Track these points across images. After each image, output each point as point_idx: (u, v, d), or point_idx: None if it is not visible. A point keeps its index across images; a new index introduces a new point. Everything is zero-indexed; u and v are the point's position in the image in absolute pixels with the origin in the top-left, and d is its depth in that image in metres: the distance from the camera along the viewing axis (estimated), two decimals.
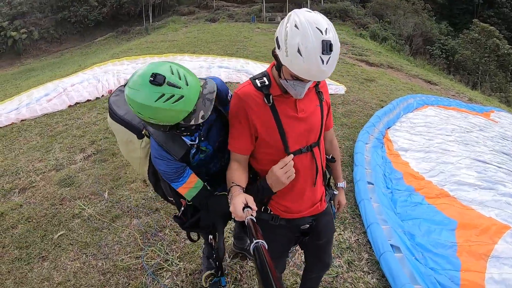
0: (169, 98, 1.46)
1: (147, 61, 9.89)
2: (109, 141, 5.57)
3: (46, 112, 6.84)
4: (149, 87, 1.45)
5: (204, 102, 1.58)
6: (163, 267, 3.14)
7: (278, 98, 1.71)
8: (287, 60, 1.49)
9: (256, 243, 1.20)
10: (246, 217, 1.40)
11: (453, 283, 2.98)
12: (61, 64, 16.74)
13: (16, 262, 3.24)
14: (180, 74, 1.52)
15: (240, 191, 1.60)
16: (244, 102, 1.72)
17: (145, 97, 1.46)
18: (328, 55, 1.43)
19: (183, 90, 1.49)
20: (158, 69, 1.48)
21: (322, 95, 1.85)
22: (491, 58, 22.64)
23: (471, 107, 9.48)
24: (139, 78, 1.48)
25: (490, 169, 5.05)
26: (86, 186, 4.37)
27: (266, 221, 1.91)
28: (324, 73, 1.48)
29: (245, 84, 1.78)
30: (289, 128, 1.72)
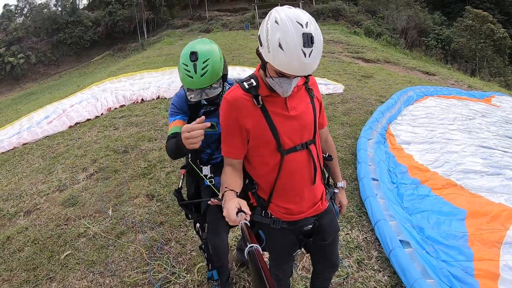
0: (185, 69, 2.01)
1: (144, 76, 9.96)
2: (111, 158, 5.59)
3: (47, 134, 6.88)
4: (186, 54, 2.02)
5: (200, 94, 2.07)
6: (170, 281, 3.12)
7: (267, 98, 1.71)
8: (270, 56, 1.50)
9: (250, 247, 1.20)
10: (240, 221, 1.39)
11: (467, 274, 2.91)
12: (60, 86, 16.88)
13: (24, 285, 3.22)
14: (206, 66, 1.99)
15: (233, 195, 1.60)
16: (233, 106, 1.71)
17: (181, 60, 2.05)
18: (309, 48, 1.43)
19: (195, 75, 1.99)
20: (200, 50, 2.01)
21: (312, 92, 1.84)
22: (487, 44, 22.56)
23: (471, 94, 9.44)
24: (187, 47, 2.06)
25: (496, 154, 4.98)
26: (90, 205, 4.38)
27: (267, 225, 1.88)
28: (307, 67, 1.47)
29: (233, 88, 1.77)
30: (281, 126, 1.70)
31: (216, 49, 2.07)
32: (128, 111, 7.73)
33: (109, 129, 6.85)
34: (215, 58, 2.02)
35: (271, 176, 1.79)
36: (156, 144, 6.00)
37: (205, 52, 2.00)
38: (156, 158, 5.45)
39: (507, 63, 23.60)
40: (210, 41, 2.14)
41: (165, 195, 4.46)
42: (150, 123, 6.90)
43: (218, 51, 2.07)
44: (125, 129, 6.77)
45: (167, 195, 4.45)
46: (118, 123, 7.02)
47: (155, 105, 7.94)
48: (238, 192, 1.67)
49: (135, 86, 9.11)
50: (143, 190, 4.61)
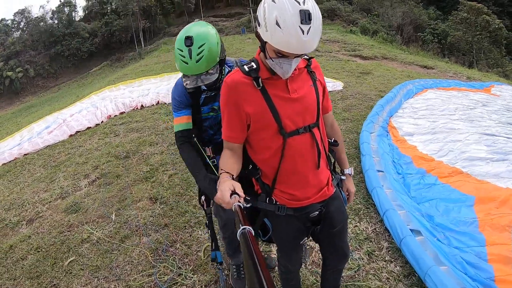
0: (180, 54, 1.92)
1: (143, 83, 9.94)
2: (112, 164, 5.54)
3: (48, 144, 6.85)
4: (181, 39, 1.93)
5: (196, 80, 1.99)
6: (177, 282, 3.06)
7: (267, 81, 1.67)
8: (267, 35, 1.48)
9: (243, 229, 1.19)
10: (233, 203, 1.39)
11: (480, 259, 2.85)
12: (59, 97, 16.90)
13: None
14: (202, 52, 1.91)
15: (228, 177, 1.58)
16: (232, 89, 1.69)
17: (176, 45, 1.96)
18: (307, 25, 1.41)
19: (190, 61, 1.91)
20: (196, 34, 1.92)
21: (314, 75, 1.80)
22: (483, 35, 22.53)
23: (470, 85, 9.38)
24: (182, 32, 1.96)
25: (500, 141, 4.94)
26: (92, 211, 4.32)
27: (272, 212, 1.84)
28: (306, 44, 1.44)
29: (233, 71, 1.74)
30: (282, 109, 1.67)
31: (212, 32, 1.99)
32: (128, 117, 7.70)
33: (110, 136, 6.81)
34: (211, 42, 1.94)
35: (274, 161, 1.74)
36: (157, 148, 5.96)
37: (201, 36, 1.92)
38: (158, 162, 5.40)
39: (504, 53, 23.58)
40: (206, 23, 2.06)
41: (168, 197, 4.40)
42: (151, 128, 6.86)
43: (215, 34, 1.99)
44: (126, 135, 6.74)
45: (171, 197, 4.40)
46: (119, 130, 6.98)
47: (155, 111, 7.91)
48: (234, 176, 1.65)
49: (134, 93, 9.11)
50: (146, 193, 4.55)
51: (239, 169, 1.75)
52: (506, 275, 2.64)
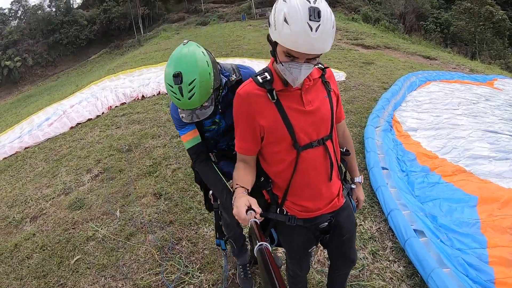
0: (171, 90, 1.77)
1: (143, 72, 9.84)
2: (115, 158, 5.50)
3: (49, 137, 6.79)
4: (169, 74, 1.76)
5: (191, 115, 1.86)
6: (184, 281, 3.07)
7: (282, 92, 1.64)
8: (276, 34, 1.45)
9: (260, 245, 1.18)
10: (250, 219, 1.37)
11: (481, 261, 2.89)
12: (58, 86, 16.75)
13: None
14: (193, 89, 1.74)
15: (244, 193, 1.56)
16: (245, 101, 1.66)
17: (165, 79, 1.80)
18: (316, 22, 1.36)
19: (182, 98, 1.76)
20: (185, 70, 1.73)
21: (329, 85, 1.76)
22: (486, 26, 22.24)
23: (473, 78, 9.33)
24: (171, 65, 1.78)
25: (503, 139, 4.96)
26: (96, 207, 4.31)
27: (283, 223, 1.84)
28: (315, 42, 1.39)
29: (246, 82, 1.71)
30: (296, 122, 1.64)
31: (203, 63, 1.78)
32: (129, 108, 7.63)
33: (111, 128, 6.75)
34: (202, 76, 1.76)
35: (286, 173, 1.73)
36: (160, 141, 5.92)
37: (190, 71, 1.74)
38: (160, 156, 5.37)
39: (507, 45, 23.33)
40: (196, 47, 1.84)
41: (172, 193, 4.39)
42: (153, 120, 6.80)
43: (206, 64, 1.79)
44: (127, 127, 6.68)
45: (175, 193, 4.38)
46: (120, 122, 6.92)
47: (156, 101, 7.83)
48: (249, 190, 1.63)
49: (134, 83, 9.01)
50: (150, 189, 4.53)
51: (253, 181, 1.73)
52: (506, 278, 2.68)
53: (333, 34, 1.46)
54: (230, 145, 2.25)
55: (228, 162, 2.31)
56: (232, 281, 3.05)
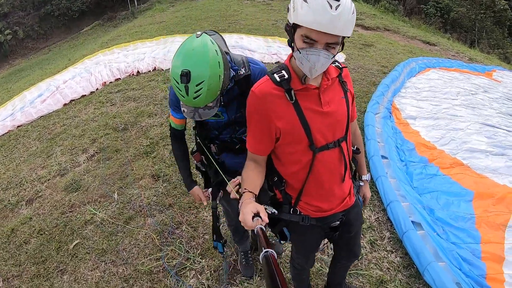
0: (176, 86, 1.66)
1: (138, 47, 9.52)
2: (111, 137, 5.38)
3: (42, 114, 6.59)
4: (176, 71, 1.63)
5: (193, 113, 1.75)
6: (185, 266, 3.05)
7: (300, 92, 1.59)
8: (295, 15, 1.40)
9: (266, 252, 1.18)
10: (256, 226, 1.37)
11: (474, 256, 2.98)
12: (50, 60, 16.28)
13: (35, 279, 3.14)
14: (200, 90, 1.63)
15: (251, 199, 1.54)
16: (262, 101, 1.60)
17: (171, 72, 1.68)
18: (336, 1, 1.33)
19: (186, 98, 1.67)
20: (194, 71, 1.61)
21: (346, 85, 1.73)
22: (487, 15, 21.98)
23: (472, 67, 9.29)
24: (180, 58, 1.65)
25: (500, 134, 5.01)
26: (93, 189, 4.23)
27: (296, 223, 1.84)
28: (334, 20, 1.34)
29: (262, 80, 1.64)
30: (313, 123, 1.60)
31: (215, 64, 1.65)
32: (124, 84, 7.41)
33: (106, 105, 6.57)
34: (211, 79, 1.64)
35: (301, 174, 1.71)
36: (156, 119, 5.77)
37: (199, 73, 1.61)
38: (158, 135, 5.25)
39: (506, 35, 23.19)
40: (208, 47, 1.66)
41: (171, 175, 4.32)
42: (149, 97, 6.62)
43: (217, 66, 1.66)
44: (123, 104, 6.51)
45: (173, 175, 4.31)
46: (115, 99, 6.74)
47: (152, 78, 7.61)
48: (257, 194, 1.61)
49: (129, 58, 8.73)
50: (147, 170, 4.45)
51: (262, 183, 1.71)
52: (497, 274, 2.78)
53: (353, 21, 1.40)
54: (232, 138, 2.19)
55: (230, 154, 2.26)
56: (233, 268, 3.03)
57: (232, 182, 1.84)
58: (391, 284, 2.85)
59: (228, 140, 2.20)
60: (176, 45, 9.07)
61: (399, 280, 2.89)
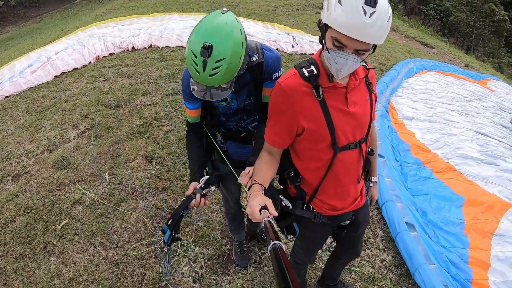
0: (193, 60, 1.55)
1: (134, 22, 9.22)
2: (103, 113, 5.19)
3: (31, 86, 6.31)
4: (196, 42, 1.53)
5: (204, 92, 1.65)
6: (178, 253, 2.99)
7: (327, 90, 1.55)
8: (327, 15, 1.35)
9: (274, 245, 1.17)
10: (263, 218, 1.37)
11: (462, 261, 3.07)
12: (42, 29, 15.67)
13: (21, 260, 3.02)
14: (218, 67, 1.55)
15: (259, 191, 1.52)
16: (289, 96, 1.55)
17: (190, 45, 1.57)
18: (371, 8, 1.28)
19: (202, 75, 1.57)
20: (216, 46, 1.52)
21: (371, 87, 1.70)
22: (486, 23, 22.22)
23: (468, 74, 9.44)
24: (201, 32, 1.56)
25: (492, 143, 5.14)
26: (84, 167, 4.09)
27: (307, 219, 1.82)
28: (367, 27, 1.29)
29: (290, 74, 1.58)
30: (338, 122, 1.57)
31: (238, 43, 1.58)
32: (118, 60, 7.16)
33: (99, 80, 6.34)
34: (233, 58, 1.56)
35: (320, 172, 1.69)
36: (151, 98, 5.61)
37: (222, 49, 1.52)
38: (152, 115, 5.10)
39: (503, 45, 23.52)
40: (234, 25, 1.59)
41: (164, 157, 4.21)
42: (143, 75, 6.41)
43: (240, 46, 1.59)
44: (116, 80, 6.29)
45: (167, 157, 4.21)
46: (108, 74, 6.51)
47: (147, 55, 7.37)
48: (266, 187, 1.59)
49: (124, 32, 8.44)
50: (140, 151, 4.33)
51: (273, 176, 1.70)
52: (482, 279, 2.88)
53: (387, 28, 1.35)
54: (238, 127, 2.13)
55: (235, 143, 2.21)
56: (227, 257, 2.97)
57: (244, 175, 1.79)
58: (382, 282, 2.89)
59: (234, 128, 2.14)
60: (173, 23, 8.81)
61: (389, 279, 2.93)
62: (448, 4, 23.53)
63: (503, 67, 19.92)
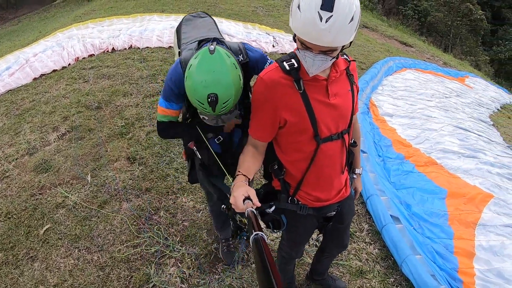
0: (201, 106, 1.64)
1: (114, 23, 9.07)
2: (83, 115, 5.09)
3: (10, 88, 6.13)
4: (201, 97, 1.61)
5: (216, 120, 1.82)
6: (165, 254, 2.96)
7: (308, 82, 1.56)
8: (290, 20, 1.40)
9: (256, 235, 1.16)
10: (247, 208, 1.36)
11: (447, 251, 3.13)
12: (20, 32, 15.26)
13: (3, 267, 2.92)
14: (227, 106, 1.64)
15: (243, 182, 1.53)
16: (271, 89, 1.56)
17: (194, 96, 1.64)
18: (328, 12, 1.28)
19: (213, 112, 1.65)
20: (221, 92, 1.59)
21: (353, 78, 1.72)
22: (463, 22, 22.74)
23: (446, 71, 9.70)
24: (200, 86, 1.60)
25: (471, 137, 5.27)
26: (65, 170, 4.00)
27: (292, 212, 1.84)
28: (323, 33, 1.31)
29: (271, 67, 1.61)
30: (320, 114, 1.59)
31: (237, 80, 1.65)
32: (98, 61, 7.04)
33: (79, 82, 6.22)
34: (237, 93, 1.66)
35: (303, 164, 1.70)
36: (132, 99, 5.53)
37: (225, 94, 1.61)
38: (133, 116, 5.03)
39: (480, 44, 24.14)
40: (228, 65, 1.63)
41: (147, 158, 4.17)
42: (124, 76, 6.32)
43: (239, 79, 1.66)
44: (96, 82, 6.18)
45: (150, 158, 4.16)
46: (88, 75, 6.39)
47: (127, 56, 7.27)
48: (250, 179, 1.60)
49: (104, 34, 8.30)
50: (122, 152, 4.27)
51: (257, 169, 1.71)
52: (468, 268, 2.95)
53: (351, 29, 1.35)
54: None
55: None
56: (215, 256, 2.96)
57: None
58: (369, 275, 2.93)
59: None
60: (153, 24, 8.73)
61: (377, 271, 2.97)
62: (426, 4, 24.08)
63: (481, 64, 20.58)
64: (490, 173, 4.29)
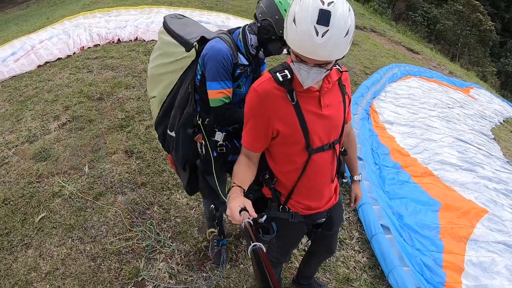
0: None
1: (121, 13, 9.08)
2: (85, 106, 5.14)
3: (14, 74, 6.18)
4: None
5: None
6: (155, 249, 3.01)
7: (301, 94, 1.58)
8: (285, 33, 1.40)
9: (254, 246, 1.17)
10: (243, 220, 1.36)
11: (436, 264, 3.14)
12: (27, 16, 15.27)
13: None
14: None
15: (239, 193, 1.53)
16: (263, 100, 1.58)
17: None
18: (324, 27, 1.28)
19: None
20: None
21: (344, 89, 1.73)
22: (473, 32, 22.63)
23: (451, 81, 9.64)
24: None
25: (471, 150, 5.23)
26: (63, 160, 4.05)
27: (285, 220, 1.85)
28: (319, 48, 1.31)
29: (265, 78, 1.61)
30: (312, 126, 1.60)
31: None
32: (103, 51, 7.07)
33: (83, 71, 6.26)
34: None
35: (294, 174, 1.72)
36: (134, 92, 5.56)
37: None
38: (134, 109, 5.07)
39: (488, 55, 23.98)
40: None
41: (145, 152, 4.21)
42: (128, 68, 6.35)
43: None
44: (100, 72, 6.23)
45: (147, 152, 4.21)
46: (92, 65, 6.43)
47: (132, 48, 7.30)
48: (245, 190, 1.61)
49: (111, 24, 8.33)
50: (121, 145, 4.31)
51: (252, 179, 1.70)
52: (455, 283, 2.95)
53: (346, 42, 1.35)
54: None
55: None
56: (204, 254, 3.01)
57: None
58: (356, 283, 2.95)
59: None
60: (160, 17, 8.73)
61: (364, 280, 2.99)
62: (436, 12, 23.91)
63: (487, 76, 20.44)
64: (487, 188, 4.28)
